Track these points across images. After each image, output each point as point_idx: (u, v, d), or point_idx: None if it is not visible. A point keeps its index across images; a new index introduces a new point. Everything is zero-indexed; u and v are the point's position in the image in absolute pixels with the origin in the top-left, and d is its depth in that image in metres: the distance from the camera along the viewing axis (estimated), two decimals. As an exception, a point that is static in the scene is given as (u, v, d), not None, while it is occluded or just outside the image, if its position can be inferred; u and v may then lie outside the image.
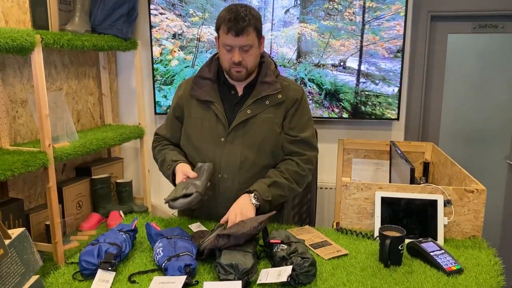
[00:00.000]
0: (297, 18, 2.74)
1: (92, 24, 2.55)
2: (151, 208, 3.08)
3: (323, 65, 2.77)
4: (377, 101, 2.75)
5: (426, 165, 2.42)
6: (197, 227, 1.65)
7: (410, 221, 1.56)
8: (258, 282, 1.23)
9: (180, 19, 2.85)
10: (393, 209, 1.58)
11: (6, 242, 1.00)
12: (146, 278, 1.28)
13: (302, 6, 2.73)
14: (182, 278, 1.22)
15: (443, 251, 1.39)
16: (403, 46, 2.65)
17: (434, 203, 1.56)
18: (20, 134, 2.33)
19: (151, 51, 2.90)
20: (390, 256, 1.36)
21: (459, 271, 1.32)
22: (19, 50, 1.92)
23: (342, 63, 2.74)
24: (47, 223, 2.26)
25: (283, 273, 1.22)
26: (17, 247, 1.05)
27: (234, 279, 1.21)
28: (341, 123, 2.89)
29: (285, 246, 1.33)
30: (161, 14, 2.85)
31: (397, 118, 2.76)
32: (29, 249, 1.09)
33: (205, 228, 1.64)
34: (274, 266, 1.30)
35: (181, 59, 2.91)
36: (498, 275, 1.32)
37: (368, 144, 2.60)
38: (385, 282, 1.27)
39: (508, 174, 2.92)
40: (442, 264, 1.34)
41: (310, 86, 2.81)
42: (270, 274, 1.24)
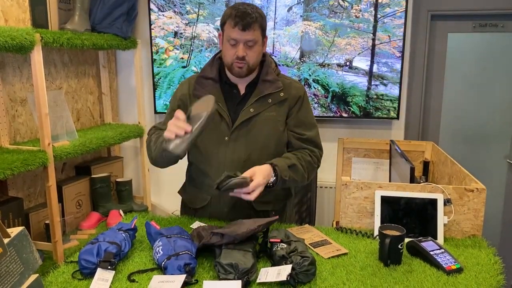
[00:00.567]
0: (300, 16, 2.67)
1: (92, 23, 2.55)
2: (151, 207, 3.08)
3: (328, 65, 2.67)
4: (386, 104, 2.65)
5: (426, 164, 2.42)
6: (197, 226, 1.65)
7: (410, 220, 1.56)
8: (258, 281, 1.23)
9: (178, 17, 2.77)
10: (393, 208, 1.58)
11: (6, 241, 1.00)
12: (146, 277, 1.28)
13: (306, 4, 2.65)
14: (182, 277, 1.22)
15: (443, 250, 1.39)
16: (403, 45, 2.65)
17: (434, 202, 1.55)
18: (20, 133, 2.33)
19: (151, 50, 2.90)
20: (390, 255, 1.36)
21: (459, 270, 1.32)
22: (19, 49, 1.92)
23: (349, 63, 2.64)
24: (47, 222, 2.26)
25: (283, 272, 1.22)
26: (17, 246, 1.04)
27: (234, 279, 1.21)
28: (341, 122, 2.89)
29: (285, 245, 1.33)
30: (159, 11, 2.77)
31: (397, 117, 2.76)
32: (29, 248, 1.08)
33: (204, 224, 1.64)
34: (274, 265, 1.30)
35: (178, 59, 2.83)
36: (498, 274, 1.32)
37: (368, 143, 2.60)
38: (385, 281, 1.27)
39: (508, 173, 2.92)
40: (442, 263, 1.33)
41: (315, 88, 2.70)
42: (270, 273, 1.24)
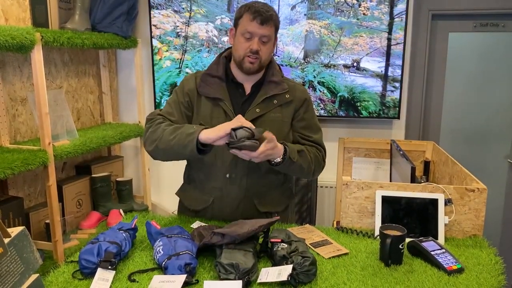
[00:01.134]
0: (304, 15, 2.57)
1: (92, 22, 2.54)
2: (151, 207, 3.08)
3: (334, 66, 2.55)
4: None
5: (427, 164, 2.42)
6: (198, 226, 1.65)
7: (411, 220, 1.56)
8: (259, 281, 1.23)
9: (176, 15, 2.69)
10: (394, 208, 1.58)
11: (6, 241, 1.00)
12: (146, 277, 1.28)
13: (310, 2, 2.55)
14: (182, 277, 1.21)
15: (444, 250, 1.39)
16: (404, 45, 2.64)
17: (435, 202, 1.55)
18: (20, 132, 2.33)
19: (151, 49, 2.90)
20: (391, 255, 1.35)
21: (460, 270, 1.32)
22: (19, 48, 1.91)
23: (356, 64, 2.52)
24: (47, 222, 2.26)
25: (284, 272, 1.21)
26: (17, 246, 1.04)
27: (235, 279, 1.20)
28: (342, 122, 2.88)
29: (286, 245, 1.33)
30: (154, 9, 2.64)
31: (398, 117, 2.76)
32: (29, 248, 1.08)
33: (205, 224, 1.64)
34: (275, 265, 1.30)
35: (174, 60, 2.73)
36: (499, 274, 1.32)
37: (369, 143, 2.59)
38: (386, 281, 1.27)
39: (509, 173, 2.92)
40: (443, 263, 1.33)
41: (321, 91, 2.55)
42: (271, 273, 1.24)
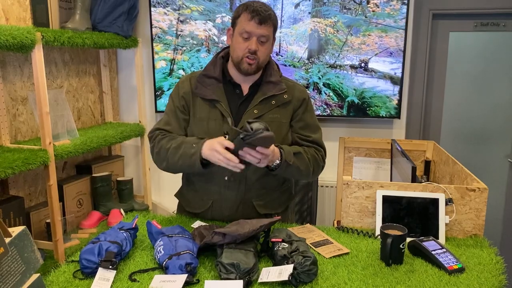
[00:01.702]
0: (309, 13, 2.45)
1: (93, 22, 2.54)
2: (152, 206, 3.08)
3: (340, 66, 2.43)
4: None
5: (428, 164, 2.42)
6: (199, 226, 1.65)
7: (412, 220, 1.56)
8: (259, 281, 1.23)
9: (170, 12, 2.61)
10: (395, 208, 1.58)
11: (7, 240, 1.00)
12: (147, 277, 1.28)
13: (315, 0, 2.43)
14: (183, 277, 1.22)
15: (445, 250, 1.39)
16: (405, 44, 2.64)
17: (436, 202, 1.55)
18: (21, 132, 2.33)
19: (152, 49, 2.89)
20: (392, 255, 1.35)
21: (461, 270, 1.32)
22: (20, 48, 1.91)
23: (364, 64, 2.39)
24: (48, 221, 2.26)
25: (284, 272, 1.21)
26: (18, 246, 1.04)
27: (236, 279, 1.21)
28: (342, 121, 2.88)
29: (286, 245, 1.33)
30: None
31: (398, 116, 2.76)
32: (30, 248, 1.08)
33: (205, 223, 1.64)
34: (275, 265, 1.30)
35: (169, 60, 2.68)
36: (500, 274, 1.32)
37: (369, 143, 2.59)
38: (387, 281, 1.27)
39: (510, 173, 2.92)
40: (444, 263, 1.33)
41: (326, 93, 2.41)
42: (271, 273, 1.24)
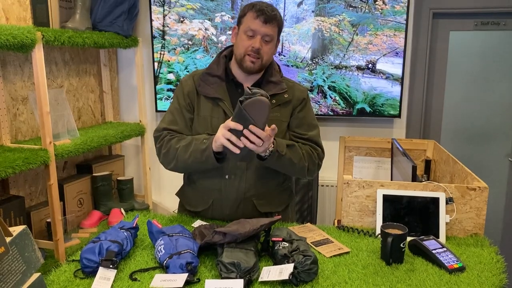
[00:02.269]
0: (312, 12, 2.35)
1: (93, 21, 2.54)
2: (152, 206, 3.08)
3: (345, 67, 2.30)
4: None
5: (428, 163, 2.42)
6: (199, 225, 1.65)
7: (412, 219, 1.56)
8: (260, 280, 1.23)
9: (164, 9, 2.54)
10: (395, 207, 1.58)
11: (8, 240, 1.00)
12: (148, 276, 1.28)
13: None
14: (184, 276, 1.22)
15: (445, 249, 1.39)
16: (405, 43, 2.64)
17: (436, 201, 1.55)
18: (21, 132, 2.33)
19: (152, 48, 2.90)
20: (392, 254, 1.35)
21: (461, 269, 1.32)
22: (20, 47, 1.91)
23: (371, 65, 2.26)
24: (48, 221, 2.26)
25: (285, 271, 1.21)
26: (19, 245, 1.04)
27: (236, 278, 1.21)
28: (342, 121, 2.88)
29: (287, 244, 1.33)
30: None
31: (399, 116, 2.75)
32: (30, 247, 1.08)
33: (206, 223, 1.64)
34: (276, 264, 1.30)
35: (164, 62, 2.64)
36: (500, 273, 1.32)
37: (370, 142, 2.59)
38: (387, 280, 1.27)
39: (510, 172, 2.92)
40: (444, 262, 1.33)
41: (332, 97, 2.27)
42: (272, 272, 1.24)
